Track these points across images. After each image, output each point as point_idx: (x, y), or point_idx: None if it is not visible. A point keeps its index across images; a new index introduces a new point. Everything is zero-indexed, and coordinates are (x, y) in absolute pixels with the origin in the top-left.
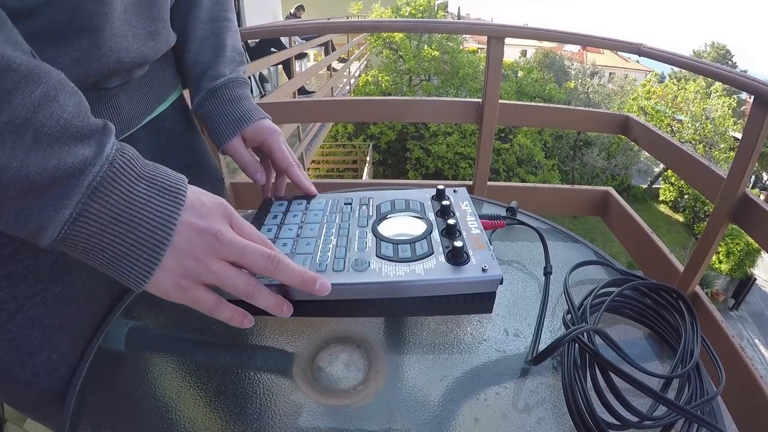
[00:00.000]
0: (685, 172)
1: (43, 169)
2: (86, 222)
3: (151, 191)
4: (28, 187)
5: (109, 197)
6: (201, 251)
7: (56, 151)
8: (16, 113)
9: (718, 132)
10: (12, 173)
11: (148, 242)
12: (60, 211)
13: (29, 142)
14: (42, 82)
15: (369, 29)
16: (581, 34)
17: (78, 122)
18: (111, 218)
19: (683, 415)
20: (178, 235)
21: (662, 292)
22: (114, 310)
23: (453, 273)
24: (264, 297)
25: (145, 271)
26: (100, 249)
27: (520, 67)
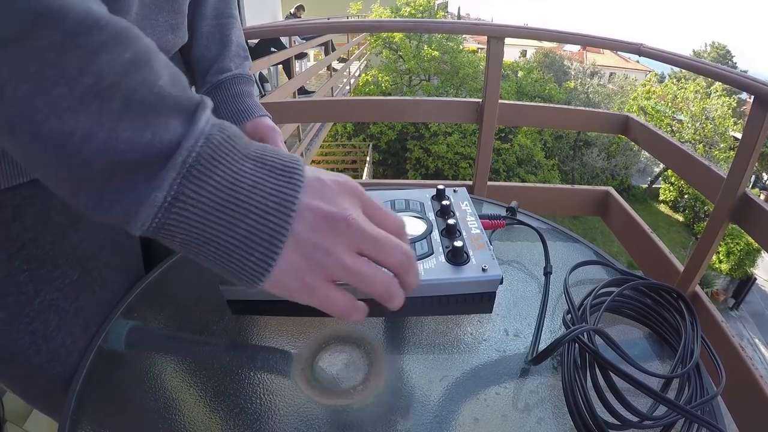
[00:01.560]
0: (685, 172)
1: (135, 143)
2: (184, 208)
3: (260, 171)
4: (115, 163)
5: (210, 178)
6: (330, 241)
7: (150, 123)
8: (102, 75)
9: (718, 132)
10: (97, 144)
11: (263, 231)
12: (151, 194)
13: (118, 109)
14: (132, 45)
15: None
16: (581, 34)
17: (175, 92)
18: (214, 203)
19: (683, 415)
20: (300, 222)
21: (662, 292)
22: (114, 310)
23: (453, 273)
24: (400, 299)
25: (261, 266)
26: (204, 240)
27: (520, 67)
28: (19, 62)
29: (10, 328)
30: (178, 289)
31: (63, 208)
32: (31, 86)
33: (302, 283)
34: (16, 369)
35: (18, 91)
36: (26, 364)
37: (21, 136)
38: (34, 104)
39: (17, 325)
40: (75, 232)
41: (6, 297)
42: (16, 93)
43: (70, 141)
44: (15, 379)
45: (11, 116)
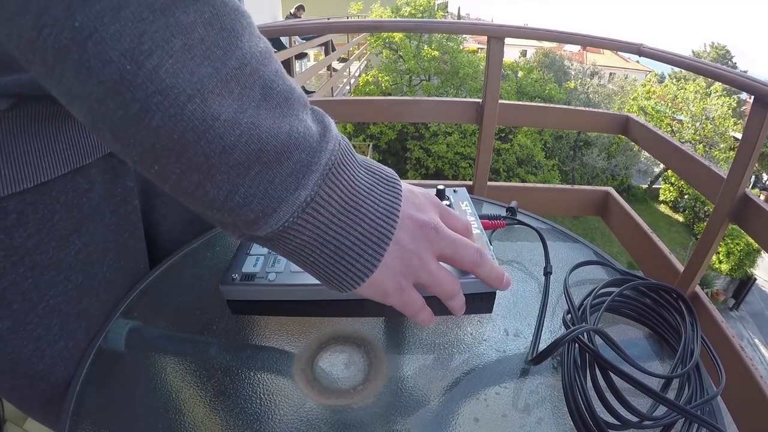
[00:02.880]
0: (685, 172)
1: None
2: (316, 209)
3: (371, 180)
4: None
5: (340, 182)
6: (422, 247)
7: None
8: (245, 60)
9: (718, 132)
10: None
11: (373, 235)
12: (294, 192)
13: (258, 97)
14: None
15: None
16: (581, 34)
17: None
18: (340, 206)
19: (683, 415)
20: (401, 229)
21: (662, 292)
22: (114, 310)
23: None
24: (460, 298)
25: (367, 268)
26: (320, 244)
27: (520, 67)
28: (165, 35)
29: (14, 336)
30: (178, 289)
31: (66, 213)
32: (176, 62)
33: (396, 285)
34: (19, 378)
35: (161, 66)
36: (30, 371)
37: (157, 117)
38: (177, 82)
39: (21, 332)
40: (78, 237)
41: (11, 305)
42: (158, 68)
43: (214, 126)
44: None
45: (150, 94)
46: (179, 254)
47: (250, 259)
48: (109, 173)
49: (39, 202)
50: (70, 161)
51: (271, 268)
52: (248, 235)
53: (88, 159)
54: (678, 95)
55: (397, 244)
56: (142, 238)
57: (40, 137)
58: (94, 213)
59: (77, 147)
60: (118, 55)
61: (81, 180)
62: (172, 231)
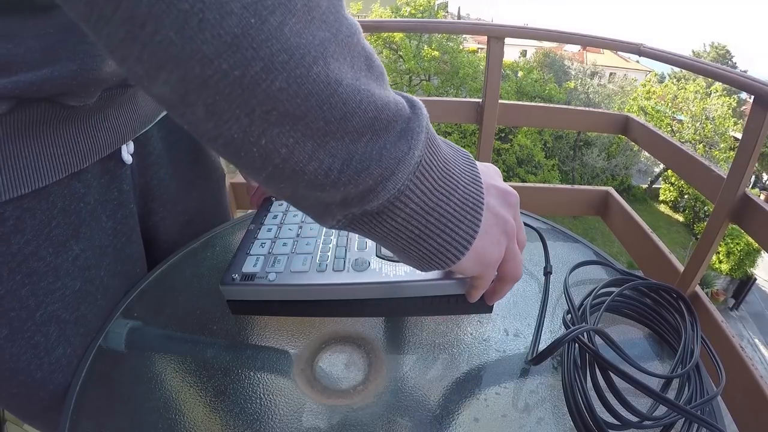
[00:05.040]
0: (685, 172)
1: (386, 100)
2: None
3: (449, 149)
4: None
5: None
6: (509, 213)
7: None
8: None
9: (718, 132)
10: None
11: (469, 200)
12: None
13: (364, 66)
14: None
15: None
16: (581, 34)
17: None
18: (439, 171)
19: (683, 415)
20: (488, 196)
21: (662, 292)
22: (114, 310)
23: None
24: None
25: (469, 235)
26: (426, 211)
27: (520, 67)
28: None
29: (12, 345)
30: (178, 289)
31: (64, 219)
32: (298, 21)
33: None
34: (17, 386)
35: (285, 23)
36: (29, 379)
37: (281, 78)
38: (302, 42)
39: (19, 340)
40: (76, 243)
41: (8, 313)
42: (282, 25)
43: (338, 90)
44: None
45: (275, 52)
46: (179, 254)
47: (250, 259)
48: (105, 177)
49: (36, 207)
50: (67, 165)
51: (271, 268)
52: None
53: (86, 163)
54: (678, 95)
55: (490, 210)
56: (139, 242)
57: (38, 141)
58: (91, 218)
59: (75, 151)
60: (240, 7)
61: (78, 184)
62: (170, 234)
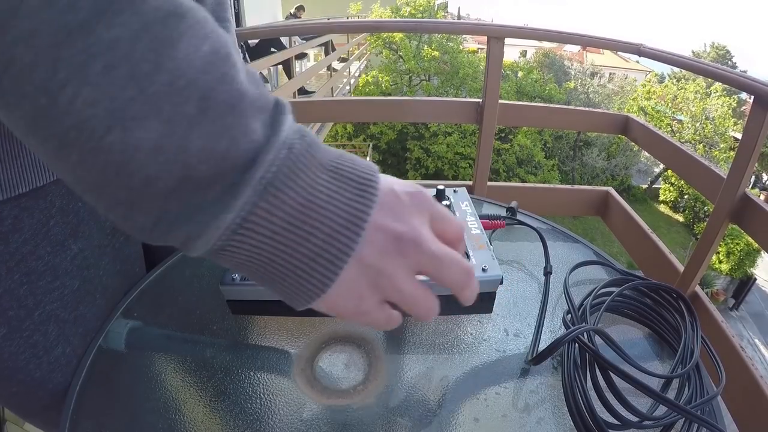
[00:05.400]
0: (685, 172)
1: (209, 153)
2: (252, 228)
3: (335, 184)
4: (182, 180)
5: (285, 194)
6: (392, 265)
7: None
8: (179, 72)
9: (718, 132)
10: (166, 157)
11: (328, 252)
12: (219, 216)
13: (193, 113)
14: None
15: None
16: (581, 34)
17: (254, 89)
18: (286, 222)
19: (683, 415)
20: (367, 244)
21: (662, 292)
22: (114, 310)
23: None
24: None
25: (317, 289)
26: (265, 261)
27: (520, 67)
28: (82, 58)
29: (10, 344)
30: (178, 289)
31: (62, 218)
32: (94, 89)
33: (356, 308)
34: (16, 385)
35: (77, 96)
36: (28, 378)
37: (74, 153)
38: (95, 113)
39: (17, 339)
40: (75, 242)
41: (6, 312)
42: (74, 99)
43: (135, 157)
44: (16, 395)
45: (66, 129)
46: (179, 254)
47: None
48: None
49: (34, 207)
50: None
51: None
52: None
53: None
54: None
55: (359, 262)
56: (138, 242)
57: None
58: (89, 217)
59: None
60: (33, 89)
61: None
62: None
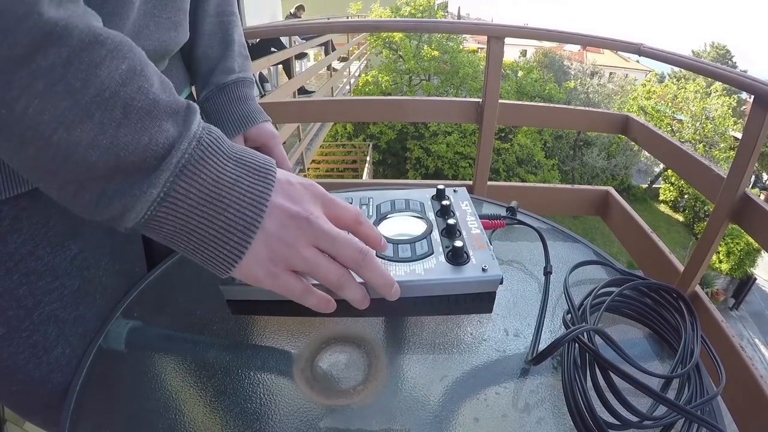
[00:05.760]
0: (685, 172)
1: (134, 147)
2: (173, 202)
3: (240, 170)
4: (116, 166)
5: (198, 176)
6: (292, 236)
7: (147, 127)
8: (104, 86)
9: (718, 132)
10: (101, 151)
11: (238, 224)
12: (147, 191)
13: (119, 117)
14: (127, 56)
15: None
16: (581, 34)
17: (165, 97)
18: (200, 198)
19: (683, 415)
20: (269, 218)
21: (662, 292)
22: (114, 310)
23: (453, 273)
24: (353, 290)
25: (234, 255)
26: (187, 231)
27: (520, 67)
28: (29, 80)
29: (9, 343)
30: (178, 289)
31: (62, 218)
32: (41, 102)
33: (266, 271)
34: (15, 384)
35: (29, 107)
36: (27, 378)
37: (31, 149)
38: (43, 119)
39: (17, 339)
40: (74, 242)
41: (6, 312)
42: (26, 109)
43: (77, 150)
44: (15, 394)
45: (22, 131)
46: (179, 254)
47: None
48: None
49: (34, 207)
50: None
51: None
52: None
53: None
54: (678, 95)
55: (264, 233)
56: (138, 241)
57: None
58: None
59: None
60: None
61: None
62: None
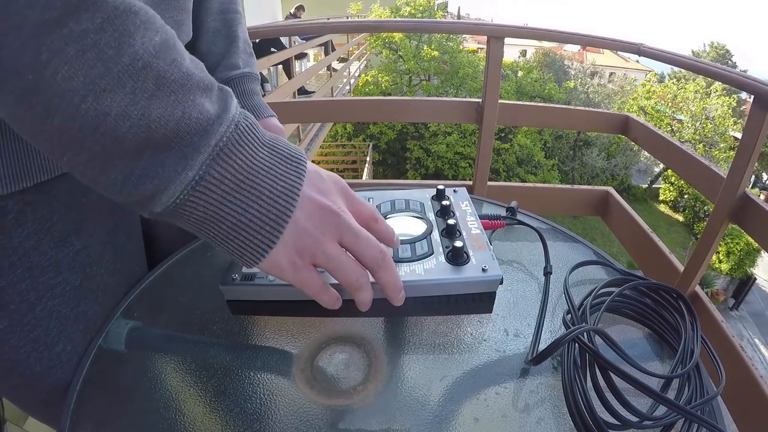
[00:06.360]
0: (685, 172)
1: (167, 120)
2: (208, 187)
3: (273, 159)
4: (147, 140)
5: (234, 161)
6: (320, 229)
7: (181, 100)
8: (137, 55)
9: (718, 132)
10: (131, 122)
11: (271, 213)
12: (182, 173)
13: (151, 88)
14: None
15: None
16: (581, 34)
17: (199, 73)
18: (234, 184)
19: (683, 415)
20: (300, 209)
21: (662, 292)
22: (114, 309)
23: (453, 273)
24: (367, 292)
25: (265, 244)
26: (218, 219)
27: (520, 67)
28: (60, 45)
29: (11, 336)
30: (178, 289)
31: (66, 214)
32: (70, 68)
33: (291, 262)
34: (16, 378)
35: (58, 72)
36: (27, 372)
37: (57, 117)
38: (72, 85)
39: (18, 333)
40: (77, 238)
41: (8, 305)
42: (55, 75)
43: (106, 120)
44: (16, 390)
45: (50, 98)
46: (179, 254)
47: None
48: None
49: (38, 201)
50: None
51: None
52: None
53: None
54: (678, 95)
55: (294, 223)
56: (140, 240)
57: None
58: (92, 214)
59: None
60: (22, 66)
61: None
62: (171, 233)
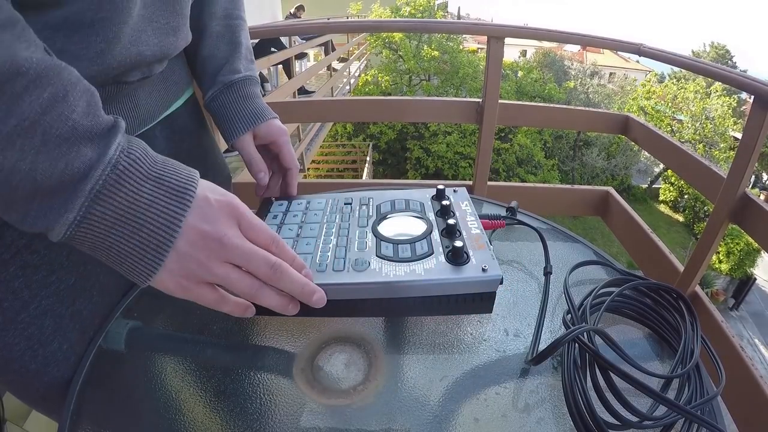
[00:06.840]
0: (685, 172)
1: (50, 173)
2: (90, 224)
3: (157, 192)
4: (35, 190)
5: (113, 199)
6: (204, 255)
7: (64, 153)
8: (24, 116)
9: (718, 132)
10: (21, 176)
11: (152, 244)
12: (64, 215)
13: (38, 144)
14: (51, 83)
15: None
16: (581, 34)
17: (87, 122)
18: (115, 219)
19: (683, 415)
20: (182, 239)
21: (662, 292)
22: (114, 310)
23: (453, 273)
24: (268, 297)
25: (148, 270)
26: (105, 247)
27: (520, 67)
28: None
29: (5, 334)
30: None
31: None
32: None
33: (178, 284)
34: (12, 374)
35: None
36: (23, 369)
37: None
38: None
39: (13, 330)
40: None
41: (1, 303)
42: None
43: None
44: (14, 384)
45: None
46: None
47: None
48: None
49: None
50: None
51: None
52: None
53: None
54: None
55: (177, 252)
56: None
57: None
58: None
59: None
60: None
61: None
62: None
